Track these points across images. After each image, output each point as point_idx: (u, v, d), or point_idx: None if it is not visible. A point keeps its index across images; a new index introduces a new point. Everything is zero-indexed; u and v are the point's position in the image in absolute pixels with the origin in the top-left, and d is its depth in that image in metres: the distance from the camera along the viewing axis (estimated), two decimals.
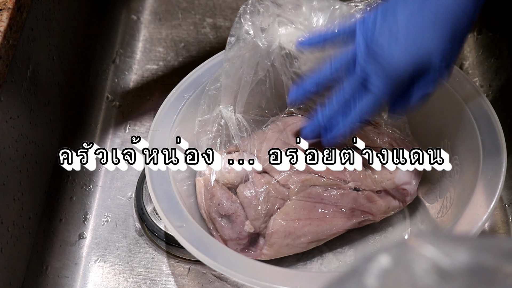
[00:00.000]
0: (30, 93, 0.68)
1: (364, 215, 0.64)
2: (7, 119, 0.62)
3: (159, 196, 0.58)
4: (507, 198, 0.72)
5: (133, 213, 0.73)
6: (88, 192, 0.75)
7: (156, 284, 0.68)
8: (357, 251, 0.66)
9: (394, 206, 0.66)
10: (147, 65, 0.88)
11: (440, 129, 0.68)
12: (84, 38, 0.84)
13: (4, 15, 0.61)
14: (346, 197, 0.63)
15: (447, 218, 0.63)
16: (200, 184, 0.65)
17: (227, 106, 0.66)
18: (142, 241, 0.71)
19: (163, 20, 0.93)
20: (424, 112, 0.69)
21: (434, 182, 0.69)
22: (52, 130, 0.73)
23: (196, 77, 0.67)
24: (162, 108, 0.65)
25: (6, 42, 0.61)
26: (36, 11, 0.70)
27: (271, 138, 0.65)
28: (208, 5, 0.95)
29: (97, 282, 0.68)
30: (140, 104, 0.84)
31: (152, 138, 0.63)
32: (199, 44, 0.90)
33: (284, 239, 0.62)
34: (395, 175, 0.64)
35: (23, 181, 0.66)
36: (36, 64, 0.69)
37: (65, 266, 0.69)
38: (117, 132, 0.81)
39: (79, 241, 0.71)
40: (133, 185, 0.75)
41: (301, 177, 0.63)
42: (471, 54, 0.87)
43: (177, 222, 0.56)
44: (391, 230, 0.68)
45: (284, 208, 0.62)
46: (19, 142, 0.65)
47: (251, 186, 0.62)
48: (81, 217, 0.73)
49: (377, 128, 0.67)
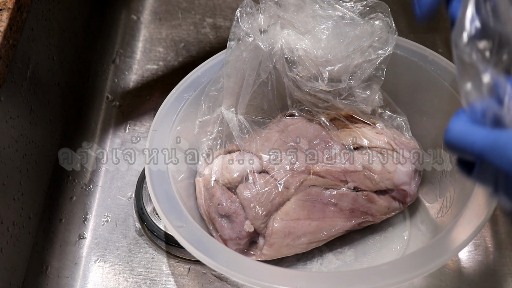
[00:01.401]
0: (30, 93, 0.68)
1: (364, 216, 0.64)
2: (7, 119, 0.62)
3: (159, 196, 0.58)
4: None
5: (133, 213, 0.73)
6: (88, 192, 0.75)
7: (156, 284, 0.68)
8: (357, 251, 0.66)
9: (394, 207, 0.66)
10: (147, 65, 0.88)
11: (440, 129, 0.67)
12: (84, 38, 0.84)
13: (4, 15, 0.61)
14: (345, 197, 0.63)
15: (447, 218, 0.63)
16: (200, 184, 0.65)
17: (229, 107, 0.66)
18: (142, 241, 0.71)
19: (163, 20, 0.93)
20: (424, 112, 0.69)
21: (434, 182, 0.69)
22: (52, 130, 0.74)
23: (196, 77, 0.67)
24: (162, 108, 0.65)
25: (6, 42, 0.61)
26: (36, 11, 0.70)
27: (272, 138, 0.65)
28: (208, 5, 0.95)
29: (97, 282, 0.68)
30: (140, 104, 0.84)
31: (152, 138, 0.63)
32: (199, 44, 0.90)
33: (284, 239, 0.62)
34: (394, 175, 0.64)
35: (23, 181, 0.66)
36: (36, 64, 0.69)
37: (65, 266, 0.69)
38: (117, 132, 0.81)
39: (79, 241, 0.71)
40: (133, 185, 0.75)
41: (301, 177, 0.63)
42: None
43: (177, 222, 0.56)
44: (391, 230, 0.68)
45: (284, 208, 0.62)
46: (19, 142, 0.65)
47: (251, 186, 0.62)
48: (81, 217, 0.73)
49: (377, 128, 0.67)
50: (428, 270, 0.52)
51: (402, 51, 0.67)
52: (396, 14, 0.77)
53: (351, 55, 0.62)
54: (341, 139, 0.66)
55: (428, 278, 0.67)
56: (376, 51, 0.63)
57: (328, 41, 0.62)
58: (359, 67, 0.63)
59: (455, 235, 0.54)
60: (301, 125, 0.67)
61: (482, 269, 0.68)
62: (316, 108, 0.67)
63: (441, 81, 0.65)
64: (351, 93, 0.65)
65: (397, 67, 0.67)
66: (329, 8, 0.63)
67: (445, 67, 0.66)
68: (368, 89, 0.65)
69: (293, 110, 0.68)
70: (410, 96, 0.69)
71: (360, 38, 0.62)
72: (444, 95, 0.65)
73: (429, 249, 0.53)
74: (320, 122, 0.67)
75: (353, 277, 0.52)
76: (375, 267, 0.52)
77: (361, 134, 0.66)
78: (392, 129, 0.68)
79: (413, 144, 0.67)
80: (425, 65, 0.67)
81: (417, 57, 0.67)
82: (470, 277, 0.67)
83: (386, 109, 0.69)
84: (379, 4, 0.64)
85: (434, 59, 0.67)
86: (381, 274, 0.51)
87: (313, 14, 0.62)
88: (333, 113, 0.68)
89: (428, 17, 0.52)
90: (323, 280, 0.53)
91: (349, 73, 0.63)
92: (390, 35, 0.64)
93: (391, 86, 0.67)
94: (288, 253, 0.64)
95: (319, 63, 0.62)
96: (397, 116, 0.69)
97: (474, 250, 0.69)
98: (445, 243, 0.53)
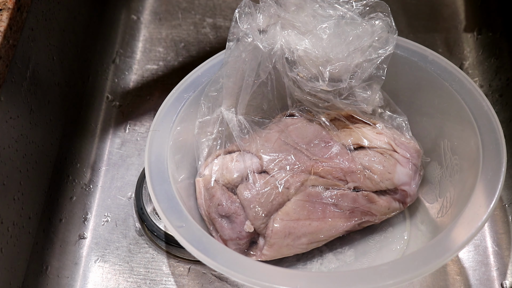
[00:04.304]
0: (30, 93, 0.68)
1: (364, 216, 0.64)
2: (7, 119, 0.62)
3: (159, 196, 0.58)
4: (507, 198, 0.72)
5: (133, 213, 0.73)
6: (88, 192, 0.75)
7: (156, 284, 0.68)
8: (357, 251, 0.66)
9: (394, 207, 0.66)
10: (147, 65, 0.88)
11: (440, 129, 0.68)
12: (84, 38, 0.84)
13: (4, 15, 0.61)
14: (345, 197, 0.63)
15: (447, 218, 0.63)
16: (200, 184, 0.65)
17: (229, 107, 0.66)
18: (142, 241, 0.71)
19: (163, 20, 0.93)
20: (424, 112, 0.69)
21: (434, 182, 0.69)
22: (52, 130, 0.73)
23: (196, 77, 0.67)
24: (162, 108, 0.65)
25: (6, 42, 0.61)
26: (36, 11, 0.70)
27: (272, 138, 0.65)
28: (208, 5, 0.95)
29: (97, 282, 0.68)
30: (140, 104, 0.84)
31: (152, 138, 0.63)
32: (199, 44, 0.90)
33: (284, 239, 0.62)
34: (394, 175, 0.64)
35: (23, 181, 0.66)
36: (36, 64, 0.69)
37: (65, 266, 0.69)
38: (117, 132, 0.81)
39: (79, 241, 0.71)
40: (133, 185, 0.75)
41: (301, 178, 0.63)
42: (471, 54, 0.87)
43: (177, 222, 0.56)
44: (391, 230, 0.68)
45: (284, 208, 0.62)
46: (19, 142, 0.65)
47: (251, 187, 0.62)
48: (81, 217, 0.73)
49: (377, 129, 0.67)
50: (428, 270, 0.52)
51: (402, 51, 0.67)
52: (396, 14, 0.77)
53: (351, 55, 0.62)
54: (341, 139, 0.66)
55: (428, 278, 0.67)
56: (377, 51, 0.63)
57: (329, 41, 0.62)
58: (360, 67, 0.63)
59: (455, 235, 0.54)
60: (301, 125, 0.67)
61: (482, 269, 0.68)
62: (316, 108, 0.67)
63: (441, 81, 0.65)
64: (351, 92, 0.65)
65: (397, 67, 0.67)
66: (330, 8, 0.63)
67: (445, 67, 0.66)
68: (369, 88, 0.65)
69: (293, 110, 0.68)
70: (410, 96, 0.69)
71: (360, 38, 0.62)
72: (444, 95, 0.65)
73: (429, 249, 0.53)
74: (320, 122, 0.67)
75: (353, 277, 0.52)
76: (375, 267, 0.52)
77: (361, 134, 0.66)
78: (392, 129, 0.68)
79: (413, 144, 0.67)
80: (425, 65, 0.67)
81: (417, 57, 0.67)
82: (470, 277, 0.67)
83: (386, 109, 0.69)
84: (379, 3, 0.64)
85: (434, 59, 0.67)
86: (381, 274, 0.51)
87: (314, 14, 0.63)
88: (334, 113, 0.68)
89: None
90: (323, 280, 0.53)
91: (349, 73, 0.63)
92: (390, 35, 0.64)
93: (391, 86, 0.68)
94: (288, 253, 0.64)
95: (320, 63, 0.62)
96: (397, 116, 0.69)
97: (474, 250, 0.69)
98: (445, 243, 0.53)
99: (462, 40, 0.89)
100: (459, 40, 0.89)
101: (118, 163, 0.78)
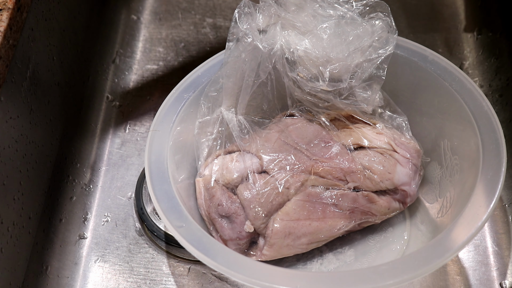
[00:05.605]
0: (30, 93, 0.68)
1: (364, 216, 0.64)
2: (7, 119, 0.62)
3: (159, 196, 0.58)
4: (507, 198, 0.72)
5: (133, 213, 0.73)
6: (88, 192, 0.75)
7: (156, 284, 0.68)
8: (357, 251, 0.66)
9: (394, 207, 0.66)
10: (147, 65, 0.88)
11: (440, 129, 0.68)
12: (84, 38, 0.84)
13: (4, 15, 0.61)
14: (346, 197, 0.63)
15: (447, 218, 0.63)
16: (200, 184, 0.65)
17: (229, 108, 0.66)
18: (142, 241, 0.71)
19: (163, 20, 0.93)
20: (424, 112, 0.69)
21: (434, 182, 0.69)
22: (52, 130, 0.74)
23: (196, 77, 0.67)
24: (162, 108, 0.65)
25: (6, 42, 0.61)
26: (36, 11, 0.70)
27: (272, 138, 0.65)
28: (208, 5, 0.95)
29: (97, 282, 0.68)
30: (140, 104, 0.84)
31: (152, 138, 0.63)
32: (199, 44, 0.90)
33: (284, 239, 0.62)
34: (394, 175, 0.64)
35: (23, 181, 0.66)
36: (36, 64, 0.69)
37: (65, 266, 0.69)
38: (117, 132, 0.81)
39: (79, 241, 0.71)
40: (133, 185, 0.75)
41: (301, 178, 0.63)
42: (471, 54, 0.87)
43: (177, 222, 0.56)
44: (391, 230, 0.68)
45: (284, 209, 0.62)
46: (19, 142, 0.65)
47: (251, 187, 0.62)
48: (81, 217, 0.73)
49: (377, 129, 0.67)
50: (428, 270, 0.52)
51: (402, 51, 0.67)
52: (396, 14, 0.77)
53: (351, 55, 0.62)
54: (341, 139, 0.66)
55: (428, 278, 0.67)
56: (377, 51, 0.63)
57: (330, 41, 0.62)
58: (360, 67, 0.63)
59: (455, 235, 0.54)
60: (301, 125, 0.67)
61: (482, 269, 0.68)
62: (316, 108, 0.67)
63: (441, 81, 0.65)
64: (352, 92, 0.65)
65: (397, 67, 0.67)
66: (330, 8, 0.63)
67: (445, 67, 0.66)
68: (369, 88, 0.65)
69: (293, 110, 0.68)
70: (410, 96, 0.69)
71: (360, 38, 0.62)
72: (444, 95, 0.65)
73: (429, 249, 0.53)
74: (320, 122, 0.67)
75: (353, 277, 0.52)
76: (375, 267, 0.52)
77: (361, 134, 0.66)
78: (392, 129, 0.68)
79: (413, 144, 0.67)
80: (425, 65, 0.67)
81: (417, 57, 0.67)
82: (470, 277, 0.67)
83: (386, 109, 0.69)
84: (379, 3, 0.64)
85: (434, 59, 0.67)
86: (381, 274, 0.51)
87: (314, 14, 0.63)
88: (334, 113, 0.68)
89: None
90: (323, 280, 0.53)
91: (350, 73, 0.63)
92: (390, 35, 0.64)
93: (391, 86, 0.68)
94: (288, 253, 0.64)
95: (320, 63, 0.62)
96: (397, 116, 0.69)
97: (474, 250, 0.69)
98: (445, 243, 0.53)
99: (462, 40, 0.89)
100: (459, 40, 0.89)
101: (118, 163, 0.78)
